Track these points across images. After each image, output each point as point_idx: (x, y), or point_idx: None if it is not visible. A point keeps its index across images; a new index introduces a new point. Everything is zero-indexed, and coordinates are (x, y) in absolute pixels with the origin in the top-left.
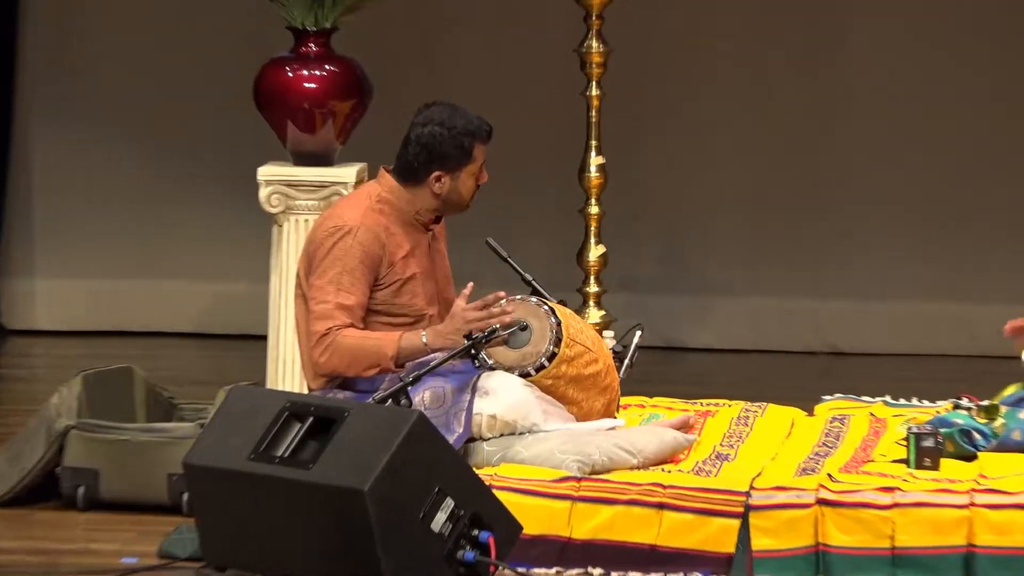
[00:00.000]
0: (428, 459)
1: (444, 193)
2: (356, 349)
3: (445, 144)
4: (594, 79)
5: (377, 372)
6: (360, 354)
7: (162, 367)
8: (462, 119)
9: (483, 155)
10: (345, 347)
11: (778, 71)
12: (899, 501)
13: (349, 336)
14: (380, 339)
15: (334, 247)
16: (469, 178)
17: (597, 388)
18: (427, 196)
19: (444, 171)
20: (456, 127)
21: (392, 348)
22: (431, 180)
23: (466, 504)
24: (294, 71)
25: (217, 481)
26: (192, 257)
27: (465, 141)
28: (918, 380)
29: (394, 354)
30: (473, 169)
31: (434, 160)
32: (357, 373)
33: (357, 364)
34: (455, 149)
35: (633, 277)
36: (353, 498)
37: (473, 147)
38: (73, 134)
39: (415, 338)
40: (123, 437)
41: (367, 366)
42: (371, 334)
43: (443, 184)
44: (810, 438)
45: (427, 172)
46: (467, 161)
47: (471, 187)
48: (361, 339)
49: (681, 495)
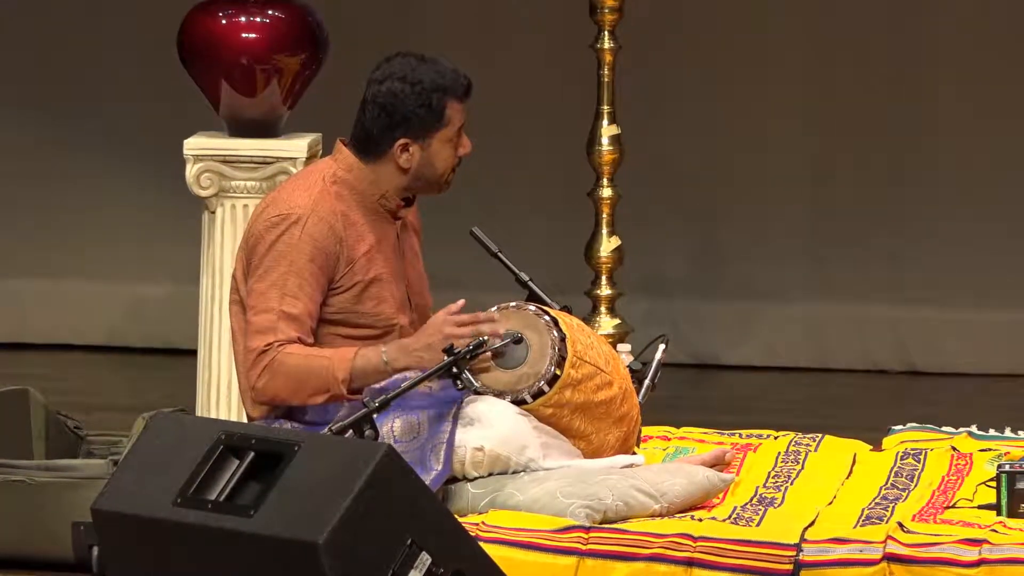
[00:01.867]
0: (398, 504)
1: (413, 167)
2: (302, 370)
3: (408, 102)
4: (607, 27)
5: (327, 399)
6: (305, 377)
7: (66, 389)
8: (430, 71)
9: (461, 116)
10: (288, 368)
11: (849, 15)
12: (987, 557)
13: (293, 354)
14: (330, 357)
15: (277, 241)
16: (444, 146)
17: (611, 418)
18: (392, 172)
19: (410, 138)
20: (421, 81)
21: (344, 369)
22: (395, 151)
23: (446, 560)
24: (228, 18)
25: (134, 532)
26: (102, 252)
27: (434, 98)
28: (1013, 407)
29: (346, 376)
30: (447, 134)
31: (396, 125)
32: (302, 401)
33: (302, 390)
34: (421, 108)
35: (655, 277)
36: (305, 553)
37: (445, 105)
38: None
39: (373, 356)
40: (16, 477)
41: (313, 391)
42: (319, 352)
43: (411, 155)
44: (877, 478)
45: (389, 141)
46: (438, 124)
47: (447, 158)
48: (306, 358)
49: (715, 549)
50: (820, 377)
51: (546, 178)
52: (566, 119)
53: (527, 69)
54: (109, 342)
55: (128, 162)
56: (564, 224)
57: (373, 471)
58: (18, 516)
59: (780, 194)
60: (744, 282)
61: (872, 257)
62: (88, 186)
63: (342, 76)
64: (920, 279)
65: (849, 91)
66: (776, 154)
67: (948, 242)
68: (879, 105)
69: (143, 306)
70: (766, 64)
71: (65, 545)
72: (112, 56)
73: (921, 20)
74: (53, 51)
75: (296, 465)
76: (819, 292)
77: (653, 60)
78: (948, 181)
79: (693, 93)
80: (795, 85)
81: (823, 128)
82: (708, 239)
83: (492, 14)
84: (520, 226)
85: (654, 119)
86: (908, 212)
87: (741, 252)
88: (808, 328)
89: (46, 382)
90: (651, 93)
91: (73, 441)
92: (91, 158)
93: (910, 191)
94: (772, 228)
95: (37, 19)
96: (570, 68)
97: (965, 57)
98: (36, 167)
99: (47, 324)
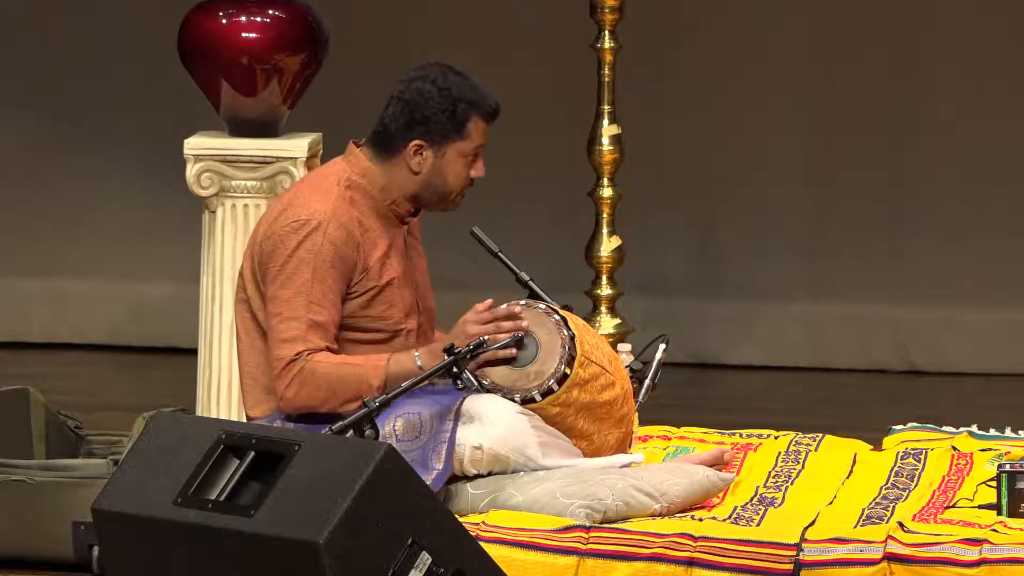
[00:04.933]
0: (399, 504)
1: (424, 172)
2: (333, 379)
3: (432, 104)
4: (607, 27)
5: (359, 407)
6: (339, 385)
7: (66, 389)
8: (462, 83)
9: (482, 136)
10: (319, 377)
11: (849, 15)
12: (988, 557)
13: (323, 363)
14: (362, 365)
15: (299, 247)
16: (458, 160)
17: (612, 419)
18: (404, 174)
19: (426, 141)
20: (451, 89)
21: (378, 376)
22: (409, 151)
23: (446, 560)
24: (228, 17)
25: (134, 532)
26: (102, 252)
27: (459, 107)
28: (1013, 406)
29: (381, 383)
30: (464, 148)
31: (416, 123)
32: (333, 409)
33: (335, 397)
34: (444, 114)
35: (656, 276)
36: (305, 553)
37: (468, 118)
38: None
39: (407, 360)
40: (16, 477)
41: (347, 399)
42: (350, 359)
43: (424, 159)
44: (877, 478)
45: (405, 138)
46: (457, 134)
47: (459, 174)
48: (338, 366)
49: (716, 549)
50: (820, 377)
51: (546, 178)
52: (566, 119)
53: (527, 69)
54: (109, 342)
55: (128, 162)
56: (564, 224)
57: (373, 471)
58: (18, 516)
59: (780, 194)
60: (744, 282)
61: (872, 257)
62: (88, 186)
63: (342, 76)
64: (920, 279)
65: (849, 91)
66: (776, 154)
67: (948, 242)
68: (879, 105)
69: (143, 306)
70: (766, 64)
71: (65, 545)
72: (112, 56)
73: (921, 20)
74: (53, 51)
75: (296, 465)
76: (819, 292)
77: (653, 60)
78: (948, 181)
79: (693, 93)
80: (795, 86)
81: (823, 128)
82: (708, 239)
83: (492, 14)
84: (520, 226)
85: (654, 119)
86: (908, 212)
87: (741, 252)
88: (808, 328)
89: (46, 382)
90: (651, 93)
91: (73, 441)
92: (91, 158)
93: (910, 191)
94: (772, 228)
95: (37, 19)
96: (570, 68)
97: (965, 57)
98: (36, 167)
99: (47, 324)
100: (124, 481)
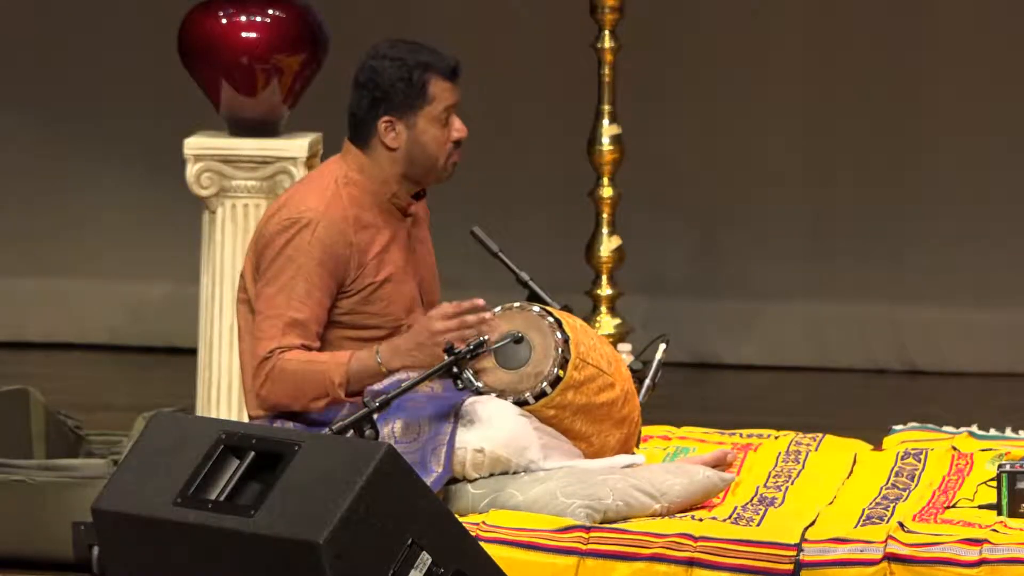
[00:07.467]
0: (399, 504)
1: (402, 146)
2: (299, 377)
3: (387, 76)
4: (607, 27)
5: (327, 404)
6: (303, 383)
7: (66, 389)
8: (412, 50)
9: (449, 96)
10: (287, 375)
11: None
12: (988, 557)
13: (292, 360)
14: (326, 362)
15: (287, 246)
16: (430, 125)
17: (612, 420)
18: (385, 156)
19: (393, 115)
20: (402, 57)
21: (340, 374)
22: (381, 129)
23: (446, 560)
24: (228, 17)
25: (134, 532)
26: (102, 252)
27: (415, 73)
28: (1013, 407)
29: (342, 380)
30: (432, 112)
31: (378, 101)
32: (304, 407)
33: (302, 396)
34: (401, 83)
35: (656, 276)
36: (305, 553)
37: (427, 81)
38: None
39: (367, 357)
40: (16, 477)
41: (313, 397)
42: (316, 357)
43: (397, 133)
44: (877, 478)
45: (374, 119)
46: (421, 100)
47: (437, 139)
48: (305, 363)
49: (716, 549)
50: (820, 377)
51: (546, 178)
52: (566, 119)
53: (527, 69)
54: (109, 342)
55: (128, 162)
56: (564, 224)
57: (373, 471)
58: (18, 516)
59: (780, 194)
60: (744, 282)
61: (872, 257)
62: (88, 186)
63: (342, 76)
64: (920, 279)
65: (849, 91)
66: (776, 154)
67: (948, 242)
68: (879, 105)
69: (143, 306)
70: (766, 64)
71: (65, 545)
72: (112, 56)
73: (921, 20)
74: (53, 51)
75: (296, 465)
76: (819, 292)
77: (653, 60)
78: (948, 181)
79: (693, 93)
80: (795, 85)
81: (823, 128)
82: (708, 239)
83: (492, 14)
84: (520, 226)
85: (654, 119)
86: (908, 212)
87: (741, 252)
88: (808, 328)
89: (46, 382)
90: (651, 93)
91: (73, 441)
92: (91, 158)
93: (910, 191)
94: (772, 228)
95: (37, 19)
96: (570, 68)
97: (965, 56)
98: (36, 167)
99: (47, 324)
100: (124, 481)
